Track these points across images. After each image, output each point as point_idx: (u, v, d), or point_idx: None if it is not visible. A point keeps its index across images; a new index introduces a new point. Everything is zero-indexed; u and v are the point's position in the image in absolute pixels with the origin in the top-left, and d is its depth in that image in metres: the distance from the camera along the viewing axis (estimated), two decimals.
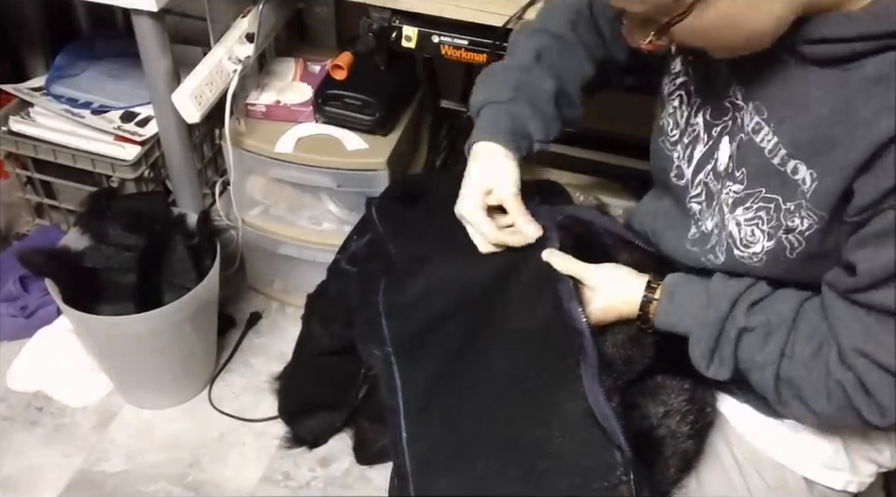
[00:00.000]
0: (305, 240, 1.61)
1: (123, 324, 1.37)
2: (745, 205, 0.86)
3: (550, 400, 0.87)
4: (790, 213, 0.82)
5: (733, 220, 0.87)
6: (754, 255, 0.86)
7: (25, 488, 1.44)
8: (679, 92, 0.96)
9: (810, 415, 0.84)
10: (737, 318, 0.85)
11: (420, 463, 0.87)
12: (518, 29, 1.11)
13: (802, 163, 0.80)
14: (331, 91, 1.50)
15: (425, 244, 1.05)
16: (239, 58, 1.43)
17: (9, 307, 1.65)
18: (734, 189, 0.87)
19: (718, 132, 0.91)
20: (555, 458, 0.84)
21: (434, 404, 0.91)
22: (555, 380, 0.88)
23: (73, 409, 1.56)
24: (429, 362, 0.94)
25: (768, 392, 0.86)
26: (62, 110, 1.65)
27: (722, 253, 0.90)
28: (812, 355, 0.82)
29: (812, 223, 0.80)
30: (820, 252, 0.82)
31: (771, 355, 0.83)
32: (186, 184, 1.56)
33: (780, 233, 0.83)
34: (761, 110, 0.84)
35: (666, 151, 0.99)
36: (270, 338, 1.70)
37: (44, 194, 1.76)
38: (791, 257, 0.84)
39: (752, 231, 0.86)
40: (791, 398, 0.84)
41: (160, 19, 1.31)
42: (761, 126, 0.84)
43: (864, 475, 0.97)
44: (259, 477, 1.46)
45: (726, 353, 0.86)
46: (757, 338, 0.84)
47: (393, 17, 1.36)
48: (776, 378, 0.84)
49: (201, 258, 1.46)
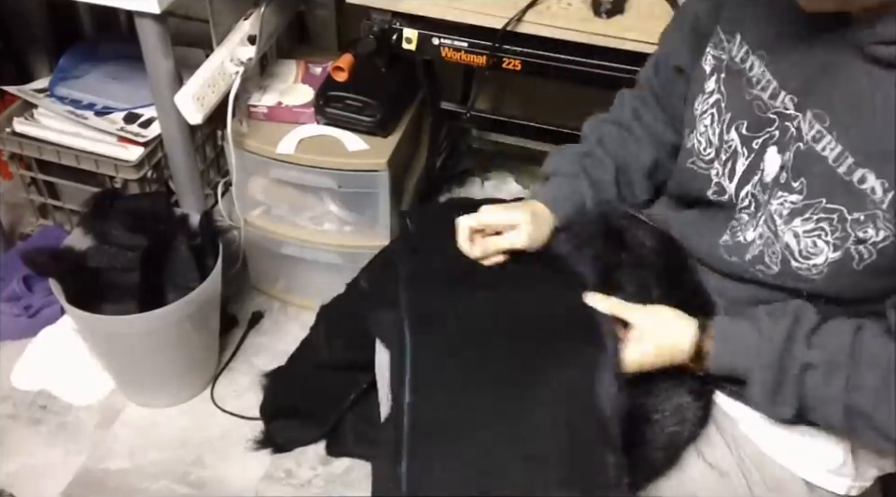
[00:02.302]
0: (307, 240, 1.62)
1: (126, 324, 1.38)
2: (804, 215, 0.83)
3: (558, 386, 0.85)
4: (858, 223, 0.79)
5: (790, 232, 0.85)
6: (814, 266, 0.84)
7: (29, 485, 1.45)
8: (710, 110, 0.95)
9: (885, 442, 0.81)
10: (797, 355, 0.83)
11: (417, 431, 0.85)
12: (590, 119, 1.15)
13: (871, 172, 0.77)
14: (332, 92, 1.51)
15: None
16: (241, 60, 1.43)
17: (13, 307, 1.66)
18: (790, 199, 0.85)
19: (760, 144, 0.89)
20: (555, 444, 0.83)
21: (442, 374, 0.89)
22: (567, 368, 0.87)
23: (76, 408, 1.57)
24: (444, 332, 0.93)
25: (838, 426, 0.84)
26: (65, 112, 1.66)
27: (776, 264, 0.88)
28: (880, 383, 0.80)
29: (888, 235, 0.78)
30: (893, 266, 0.80)
31: (837, 389, 0.81)
32: (188, 185, 1.57)
33: (850, 243, 0.81)
34: (822, 118, 0.81)
35: (700, 171, 0.98)
36: (272, 337, 1.71)
37: (48, 195, 1.77)
38: (857, 269, 0.82)
39: (814, 242, 0.83)
40: (864, 428, 0.82)
41: (162, 21, 1.32)
42: (822, 134, 0.81)
43: (867, 478, 0.97)
44: (261, 475, 1.47)
45: (789, 392, 0.85)
46: (820, 374, 0.83)
47: (394, 19, 1.37)
48: (845, 411, 0.82)
49: (203, 258, 1.46)
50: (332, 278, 1.50)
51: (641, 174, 1.10)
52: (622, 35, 1.25)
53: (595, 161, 1.08)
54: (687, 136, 1.00)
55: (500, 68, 1.36)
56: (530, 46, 1.32)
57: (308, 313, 1.72)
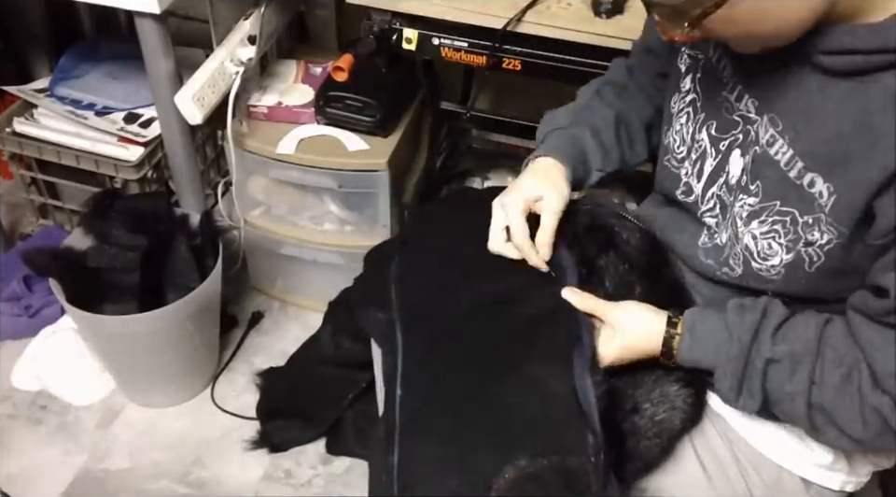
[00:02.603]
0: (307, 240, 1.62)
1: (126, 323, 1.38)
2: (760, 218, 0.86)
3: (537, 373, 0.87)
4: (808, 226, 0.81)
5: (748, 234, 0.87)
6: (772, 268, 0.86)
7: (29, 485, 1.45)
8: (686, 109, 0.96)
9: (846, 440, 0.82)
10: (762, 349, 0.84)
11: (407, 424, 0.88)
12: (583, 87, 1.14)
13: (818, 176, 0.79)
14: (333, 92, 1.51)
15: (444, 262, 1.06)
16: (241, 60, 1.43)
17: (14, 307, 1.67)
18: (748, 202, 0.87)
19: (726, 146, 0.91)
20: (531, 424, 0.84)
21: (429, 367, 0.92)
22: (546, 358, 0.89)
23: (76, 408, 1.57)
24: (431, 329, 0.95)
25: (800, 421, 0.85)
26: (65, 112, 1.66)
27: (739, 266, 0.90)
28: (842, 381, 0.80)
29: (832, 238, 0.80)
30: (842, 268, 0.81)
31: (800, 384, 0.82)
32: (188, 185, 1.57)
33: (800, 246, 0.82)
34: (775, 123, 0.83)
35: (672, 169, 0.99)
36: (272, 337, 1.71)
37: (48, 195, 1.77)
38: (810, 271, 0.83)
39: (769, 244, 0.85)
40: (825, 425, 0.83)
41: (162, 21, 1.32)
42: (775, 138, 0.83)
43: (862, 474, 0.97)
44: (261, 475, 1.47)
45: (755, 386, 0.85)
46: (784, 369, 0.83)
47: (393, 19, 1.37)
48: (807, 406, 0.82)
49: (203, 258, 1.46)
50: (332, 278, 1.50)
51: (641, 126, 1.09)
52: (622, 36, 1.25)
53: (593, 111, 1.06)
54: (665, 133, 1.01)
55: (500, 68, 1.36)
56: (530, 46, 1.32)
57: (308, 313, 1.72)
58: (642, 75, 1.11)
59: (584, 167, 1.04)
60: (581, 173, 1.03)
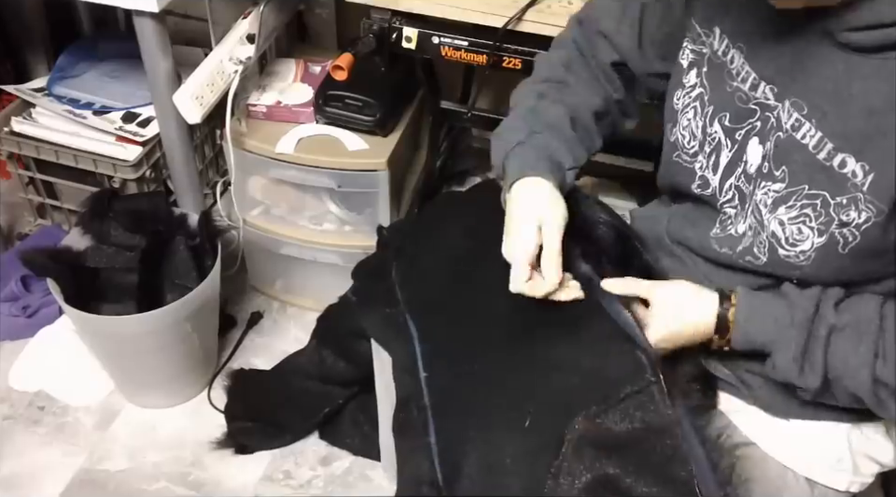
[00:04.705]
0: (306, 240, 1.61)
1: (125, 324, 1.37)
2: (787, 203, 0.85)
3: (577, 323, 0.87)
4: (842, 207, 0.81)
5: (775, 220, 0.86)
6: (802, 253, 0.85)
7: (27, 487, 1.45)
8: (693, 103, 0.96)
9: None
10: (826, 316, 0.84)
11: (439, 399, 0.87)
12: (515, 89, 1.09)
13: (850, 156, 0.79)
14: (332, 91, 1.51)
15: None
16: (240, 59, 1.43)
17: (11, 307, 1.66)
18: (773, 188, 0.86)
19: (742, 135, 0.90)
20: (584, 373, 0.83)
21: (449, 347, 0.92)
22: (578, 310, 0.89)
23: (75, 408, 1.56)
24: (445, 314, 0.96)
25: (864, 395, 0.83)
26: (63, 111, 1.65)
27: (764, 254, 0.89)
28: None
29: (870, 216, 0.79)
30: (877, 248, 0.81)
31: (865, 356, 0.81)
32: (187, 184, 1.57)
33: (833, 227, 0.82)
34: (799, 106, 0.82)
35: (685, 165, 0.98)
36: (271, 338, 1.71)
37: (46, 194, 1.77)
38: (843, 252, 0.83)
39: (799, 228, 0.84)
40: (888, 398, 0.82)
41: (161, 20, 1.32)
42: (801, 122, 0.82)
43: (866, 475, 0.97)
44: (260, 476, 1.47)
45: (817, 357, 0.84)
46: (848, 339, 0.83)
47: (393, 18, 1.37)
48: (872, 380, 0.82)
49: (202, 258, 1.46)
50: (331, 278, 1.50)
51: (591, 116, 1.05)
52: None
53: (544, 114, 1.01)
54: (670, 131, 1.00)
55: (501, 67, 1.36)
56: (531, 45, 1.32)
57: (307, 313, 1.72)
58: (580, 68, 1.07)
59: (560, 171, 0.99)
60: (561, 177, 0.98)
